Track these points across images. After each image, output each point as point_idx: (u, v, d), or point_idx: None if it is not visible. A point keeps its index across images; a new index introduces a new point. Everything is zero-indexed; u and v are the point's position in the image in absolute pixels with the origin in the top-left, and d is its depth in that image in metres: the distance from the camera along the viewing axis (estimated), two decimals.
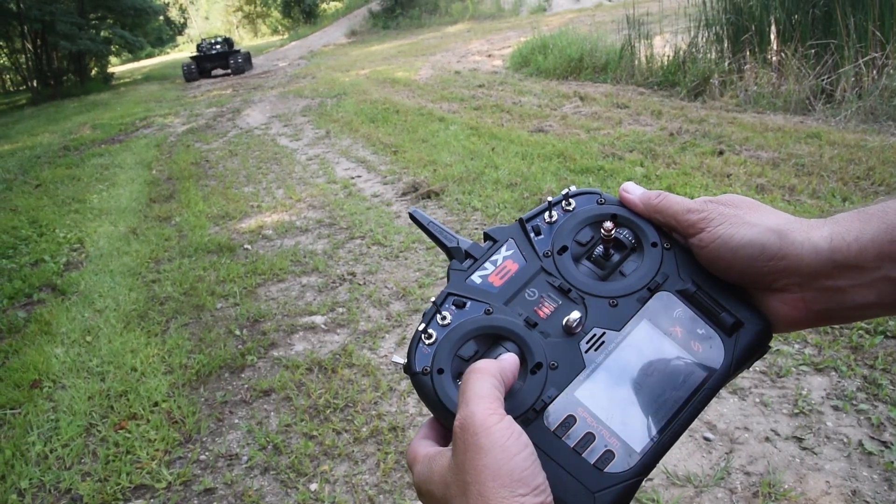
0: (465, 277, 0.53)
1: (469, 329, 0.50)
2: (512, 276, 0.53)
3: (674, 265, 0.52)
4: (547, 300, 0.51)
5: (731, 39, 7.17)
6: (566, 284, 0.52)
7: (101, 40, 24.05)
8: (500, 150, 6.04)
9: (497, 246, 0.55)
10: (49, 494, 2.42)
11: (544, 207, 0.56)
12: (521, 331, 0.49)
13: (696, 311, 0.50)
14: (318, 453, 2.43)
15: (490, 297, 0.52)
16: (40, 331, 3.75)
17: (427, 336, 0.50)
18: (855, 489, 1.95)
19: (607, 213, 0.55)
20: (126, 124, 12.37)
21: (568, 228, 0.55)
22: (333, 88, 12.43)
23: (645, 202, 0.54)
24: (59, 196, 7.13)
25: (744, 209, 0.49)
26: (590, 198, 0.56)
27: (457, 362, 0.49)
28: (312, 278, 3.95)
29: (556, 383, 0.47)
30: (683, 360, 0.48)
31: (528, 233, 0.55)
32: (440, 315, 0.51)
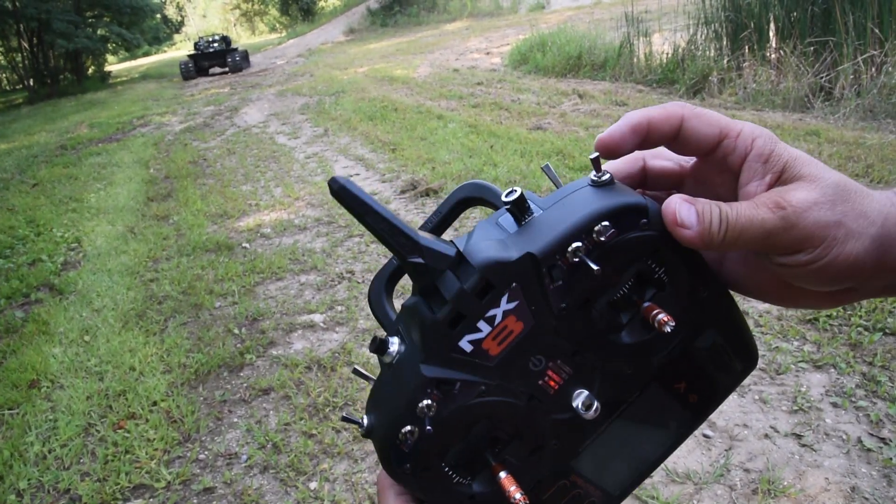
0: (452, 345, 0.38)
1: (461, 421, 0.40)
2: (514, 342, 0.39)
3: (702, 314, 0.43)
4: (555, 370, 0.40)
5: (730, 37, 7.17)
6: (582, 354, 0.41)
7: (97, 38, 24.01)
8: (498, 147, 6.04)
9: (494, 295, 0.38)
10: (48, 495, 2.41)
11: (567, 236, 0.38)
12: (522, 412, 0.40)
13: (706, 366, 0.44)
14: (317, 452, 2.43)
15: (485, 372, 0.39)
16: (38, 330, 3.74)
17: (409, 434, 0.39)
18: (854, 486, 1.95)
19: (650, 249, 0.40)
20: (123, 123, 12.34)
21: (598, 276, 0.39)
22: (331, 86, 12.41)
23: (706, 240, 0.38)
24: (57, 195, 7.11)
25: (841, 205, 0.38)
26: (631, 220, 0.39)
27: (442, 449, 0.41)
28: (311, 276, 3.95)
29: (554, 459, 0.43)
30: (678, 410, 0.45)
31: (542, 280, 0.38)
32: (422, 404, 0.38)
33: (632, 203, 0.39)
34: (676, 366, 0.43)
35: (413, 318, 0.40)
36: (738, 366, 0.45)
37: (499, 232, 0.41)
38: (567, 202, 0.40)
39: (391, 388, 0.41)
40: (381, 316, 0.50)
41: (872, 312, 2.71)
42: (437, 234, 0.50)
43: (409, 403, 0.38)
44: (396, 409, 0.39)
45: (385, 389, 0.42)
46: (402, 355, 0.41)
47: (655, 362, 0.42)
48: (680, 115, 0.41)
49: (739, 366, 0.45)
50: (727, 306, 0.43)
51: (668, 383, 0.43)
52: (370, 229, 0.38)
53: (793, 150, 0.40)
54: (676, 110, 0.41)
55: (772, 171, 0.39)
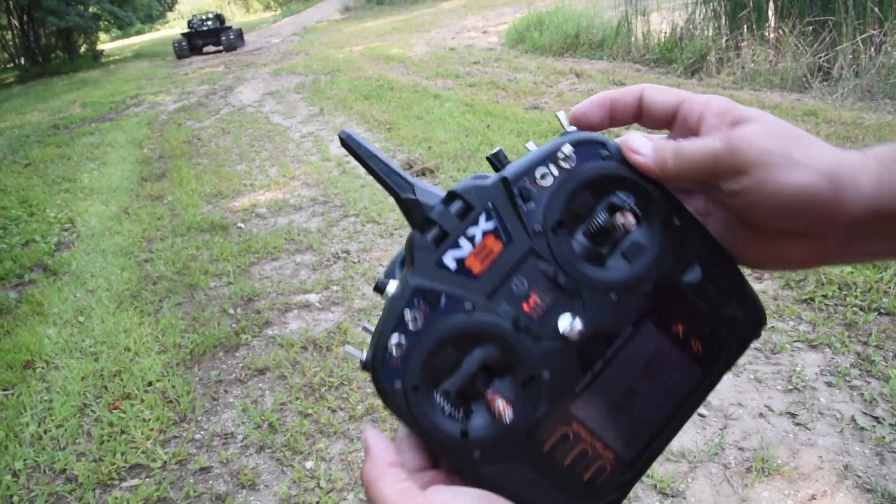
0: (436, 259, 0.41)
1: (447, 334, 0.41)
2: (495, 261, 0.41)
3: (683, 247, 0.44)
4: (538, 294, 0.42)
5: (729, 16, 7.10)
6: (563, 275, 0.42)
7: (89, 16, 23.69)
8: (495, 127, 6.00)
9: (474, 215, 0.42)
10: (44, 475, 2.42)
11: (536, 161, 0.43)
12: (509, 336, 0.41)
13: (700, 306, 0.44)
14: (313, 431, 2.43)
15: (470, 288, 0.41)
16: (32, 311, 3.72)
17: (396, 346, 0.41)
18: (847, 464, 1.96)
19: (615, 174, 0.43)
20: (116, 102, 12.23)
21: (564, 195, 0.43)
22: (327, 65, 12.30)
23: (661, 166, 0.42)
24: (50, 175, 7.06)
25: (787, 141, 0.40)
26: (591, 150, 0.44)
27: (432, 373, 0.41)
28: (306, 256, 3.93)
29: (550, 397, 0.41)
30: (682, 359, 0.44)
31: (514, 199, 0.42)
32: (409, 315, 0.40)
33: (591, 136, 0.44)
34: (666, 301, 0.43)
35: (406, 247, 0.43)
36: (738, 312, 0.44)
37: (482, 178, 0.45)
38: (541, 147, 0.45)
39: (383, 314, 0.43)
40: None
41: (868, 293, 2.71)
42: None
43: (397, 314, 0.40)
44: (386, 321, 0.41)
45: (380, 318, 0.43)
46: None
47: (642, 292, 0.43)
48: (640, 88, 0.46)
49: (740, 312, 0.44)
50: (710, 245, 0.45)
51: (664, 322, 0.43)
52: (371, 172, 0.43)
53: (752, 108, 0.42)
54: (637, 86, 0.46)
55: (727, 122, 0.41)
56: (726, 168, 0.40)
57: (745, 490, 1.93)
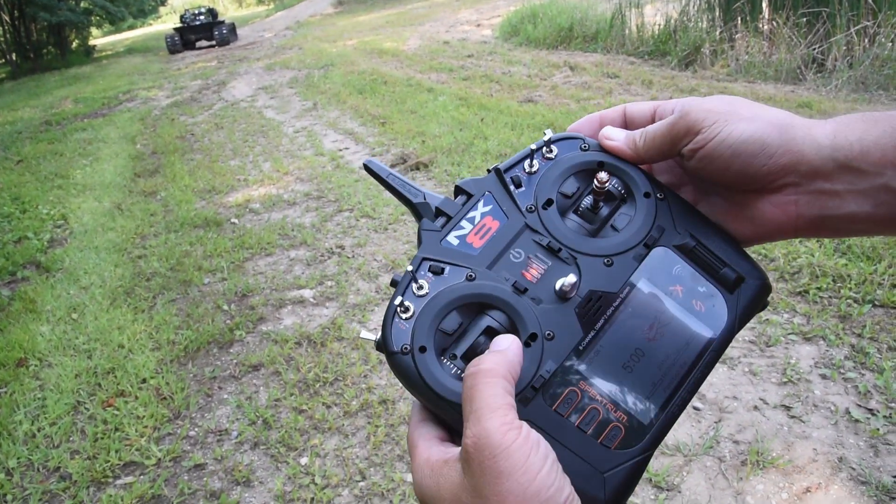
0: (440, 238, 0.47)
1: (451, 299, 0.44)
2: (493, 236, 0.47)
3: (669, 217, 0.48)
4: (535, 261, 0.46)
5: (723, 8, 7.09)
6: (556, 243, 0.47)
7: (81, 11, 23.50)
8: (489, 120, 5.98)
9: (473, 201, 0.48)
10: (38, 473, 2.40)
11: (524, 155, 0.50)
12: (510, 298, 0.44)
13: (696, 268, 0.46)
14: (308, 427, 2.43)
15: (471, 260, 0.46)
16: (25, 309, 3.70)
17: (403, 309, 0.44)
18: (842, 456, 1.96)
19: (593, 160, 0.49)
20: (109, 98, 12.16)
21: (551, 179, 0.49)
22: (320, 59, 12.24)
23: (631, 147, 0.49)
24: (42, 172, 7.01)
25: (736, 105, 0.45)
26: (572, 143, 0.51)
27: (439, 336, 0.44)
28: (301, 252, 3.92)
29: (554, 355, 0.43)
30: (686, 320, 0.45)
31: (507, 185, 0.49)
32: (416, 284, 0.45)
33: (571, 133, 0.52)
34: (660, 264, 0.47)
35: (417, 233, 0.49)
36: (736, 273, 0.46)
37: None
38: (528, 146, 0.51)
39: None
40: None
41: (862, 284, 2.71)
42: None
43: (405, 283, 0.45)
44: (396, 291, 0.45)
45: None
46: None
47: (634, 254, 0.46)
48: (623, 106, 0.53)
49: (737, 273, 0.46)
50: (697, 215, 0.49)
51: (661, 284, 0.46)
52: (389, 187, 0.52)
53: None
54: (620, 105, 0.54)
55: None
56: (682, 131, 0.46)
57: (740, 483, 1.93)
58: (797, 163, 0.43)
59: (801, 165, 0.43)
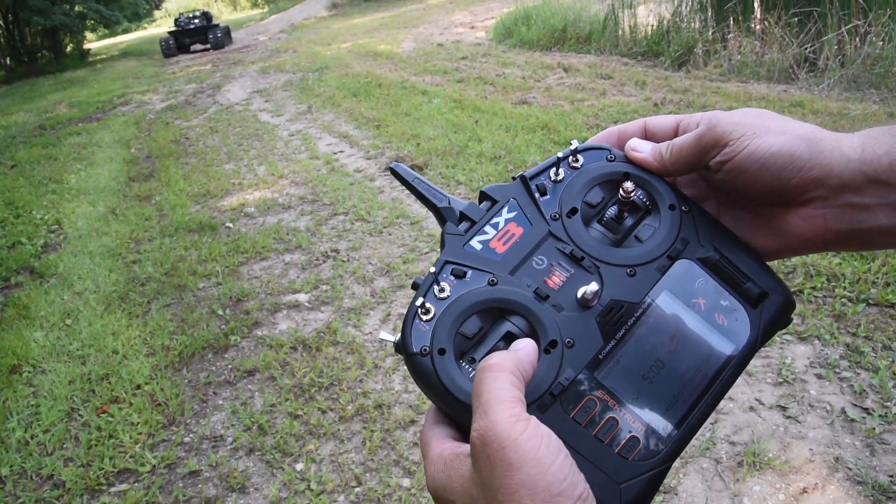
0: (464, 243, 0.47)
1: (472, 303, 0.44)
2: (517, 242, 0.47)
3: (693, 229, 0.47)
4: (558, 269, 0.46)
5: (715, 8, 7.10)
6: (578, 251, 0.47)
7: (75, 15, 23.43)
8: (483, 122, 5.98)
9: (498, 207, 0.49)
10: (31, 481, 2.39)
11: (550, 163, 0.50)
12: (531, 304, 0.44)
13: (719, 281, 0.46)
14: (303, 433, 2.42)
15: (493, 265, 0.46)
16: (18, 315, 3.68)
17: (424, 311, 0.44)
18: (838, 456, 1.96)
19: (619, 171, 0.49)
20: (103, 102, 12.12)
21: (577, 188, 0.49)
22: (315, 62, 12.23)
23: (658, 159, 0.49)
24: (36, 176, 6.99)
25: (764, 118, 0.45)
26: (598, 154, 0.51)
27: (459, 340, 0.44)
28: (296, 256, 3.91)
29: (573, 363, 0.43)
30: (708, 334, 0.44)
31: (532, 192, 0.49)
32: (438, 287, 0.45)
33: (598, 143, 0.52)
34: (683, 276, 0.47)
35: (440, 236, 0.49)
36: (760, 288, 0.46)
37: None
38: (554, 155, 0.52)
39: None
40: None
41: (856, 283, 2.72)
42: None
43: (427, 284, 0.45)
44: (418, 292, 0.45)
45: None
46: None
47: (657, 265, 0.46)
48: (643, 120, 0.53)
49: (761, 288, 0.46)
50: (722, 229, 0.48)
51: (684, 296, 0.45)
52: (414, 190, 0.52)
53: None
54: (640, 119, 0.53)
55: None
56: (710, 144, 0.45)
57: (736, 484, 1.93)
58: (826, 176, 0.42)
59: (829, 179, 0.42)
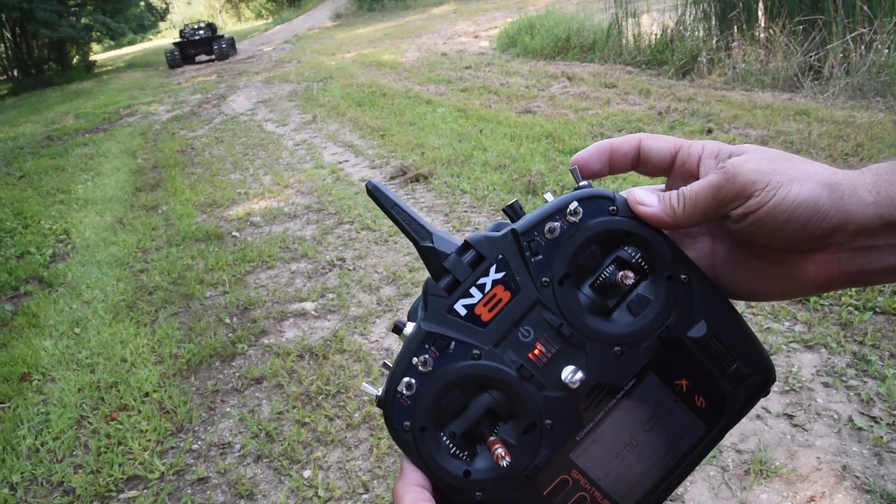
0: (447, 306, 0.44)
1: (455, 378, 0.43)
2: (503, 310, 0.44)
3: (689, 302, 0.45)
4: (543, 343, 0.44)
5: (719, 17, 7.13)
6: (567, 327, 0.44)
7: (81, 27, 23.63)
8: (488, 131, 6.01)
9: (485, 265, 0.44)
10: (41, 488, 2.40)
11: (545, 215, 0.45)
12: (514, 384, 0.43)
13: (705, 362, 0.45)
14: (310, 440, 2.43)
15: (478, 335, 0.43)
16: (28, 323, 3.71)
17: (406, 386, 0.43)
18: (845, 464, 1.96)
19: (621, 228, 0.45)
20: (110, 113, 12.21)
21: (572, 249, 0.44)
22: (319, 72, 12.30)
23: (670, 214, 0.44)
24: (44, 187, 7.04)
25: (782, 164, 0.42)
26: (600, 205, 0.45)
27: (440, 415, 0.43)
28: (302, 264, 3.93)
29: (551, 445, 0.43)
30: (685, 415, 0.44)
31: (524, 252, 0.44)
32: (419, 359, 0.43)
33: (601, 192, 0.45)
34: (671, 357, 0.44)
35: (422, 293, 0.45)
36: (745, 370, 0.45)
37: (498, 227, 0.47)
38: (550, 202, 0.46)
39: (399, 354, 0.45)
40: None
41: (862, 292, 2.72)
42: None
43: (408, 357, 0.43)
44: (398, 364, 0.43)
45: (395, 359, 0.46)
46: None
47: (646, 345, 0.44)
48: (637, 137, 0.47)
49: (746, 370, 0.45)
50: (718, 301, 0.45)
51: (667, 377, 0.44)
52: (394, 220, 0.46)
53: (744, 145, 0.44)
54: (634, 135, 0.47)
55: (722, 160, 0.43)
56: (730, 196, 0.42)
57: (743, 493, 1.93)
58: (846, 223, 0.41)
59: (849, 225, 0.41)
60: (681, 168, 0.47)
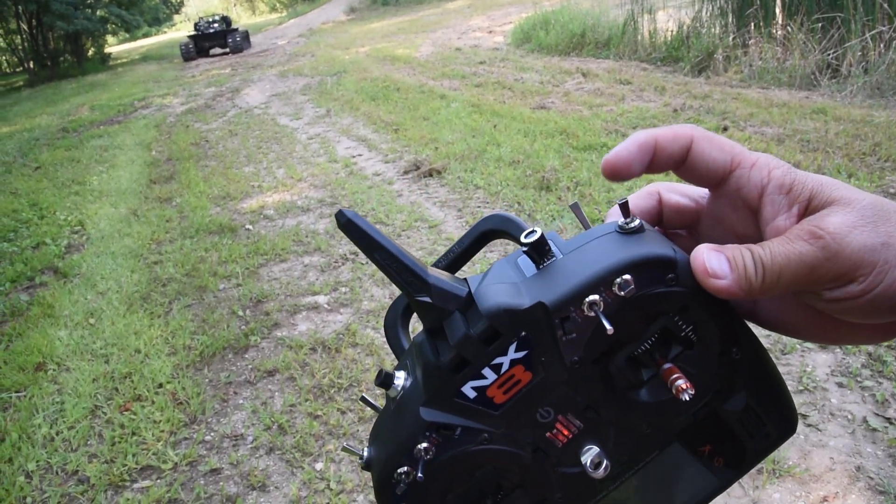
0: (455, 389, 0.37)
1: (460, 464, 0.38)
2: (521, 392, 0.37)
3: (733, 375, 0.39)
4: (564, 424, 0.38)
5: (736, 13, 7.08)
6: (594, 411, 0.38)
7: (97, 20, 23.79)
8: (502, 127, 6.00)
9: (502, 344, 0.36)
10: (56, 476, 2.43)
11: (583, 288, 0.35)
12: (528, 462, 0.38)
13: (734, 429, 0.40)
14: (322, 433, 2.44)
15: (489, 420, 0.37)
16: (43, 314, 3.75)
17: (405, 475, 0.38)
18: (859, 465, 1.95)
19: (677, 305, 0.36)
20: (125, 105, 12.29)
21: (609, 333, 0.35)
22: (333, 66, 12.32)
23: (745, 289, 0.35)
24: (59, 178, 7.10)
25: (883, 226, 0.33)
26: (658, 274, 0.36)
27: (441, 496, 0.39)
28: (315, 258, 3.94)
29: None
30: (701, 475, 0.41)
31: (555, 331, 0.36)
32: (421, 447, 0.37)
33: (659, 255, 0.36)
34: (702, 428, 0.40)
35: (419, 357, 0.39)
36: (773, 432, 0.40)
37: (515, 274, 0.39)
38: (590, 248, 0.38)
39: (392, 424, 0.40)
40: (394, 344, 0.50)
41: None
42: (456, 267, 0.48)
43: (406, 444, 0.37)
44: (393, 449, 0.38)
45: (386, 424, 0.40)
46: (406, 391, 0.40)
47: (677, 424, 0.39)
48: (690, 136, 0.38)
49: (774, 432, 0.40)
50: (763, 368, 0.40)
51: (692, 445, 0.40)
52: (378, 265, 0.37)
53: (816, 175, 0.36)
54: (686, 131, 0.38)
55: (798, 202, 0.35)
56: (828, 277, 0.34)
57: (756, 492, 1.92)
58: None
59: None
60: (734, 192, 0.38)
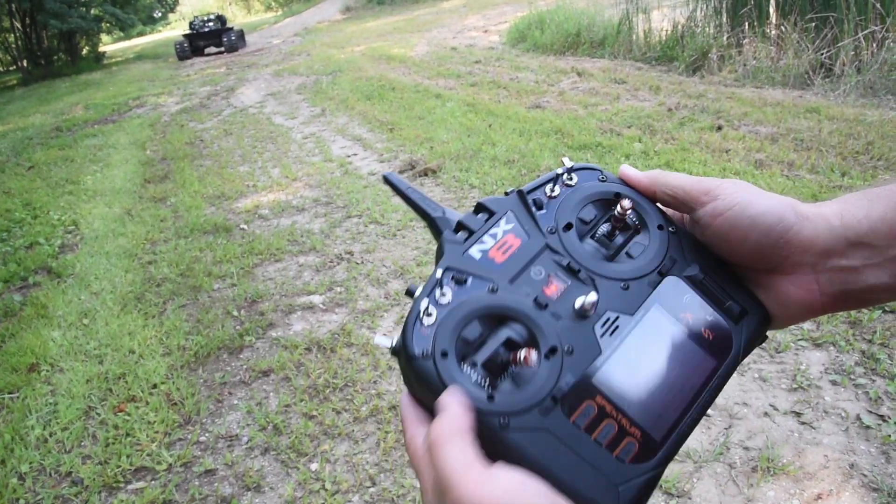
0: (463, 251, 0.48)
1: (474, 309, 0.45)
2: (515, 253, 0.48)
3: (679, 249, 0.50)
4: (555, 280, 0.47)
5: (730, 13, 7.09)
6: (576, 264, 0.48)
7: (91, 18, 23.70)
8: (497, 126, 6.00)
9: (496, 218, 0.50)
10: (49, 478, 2.42)
11: (546, 179, 0.53)
12: (531, 312, 0.45)
13: (704, 298, 0.49)
14: (318, 433, 2.44)
15: (493, 273, 0.47)
16: (37, 314, 3.73)
17: (426, 314, 0.44)
18: (853, 462, 1.96)
19: (611, 190, 0.53)
20: (119, 104, 12.24)
21: (572, 204, 0.52)
22: (328, 66, 12.30)
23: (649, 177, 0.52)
24: (53, 178, 7.07)
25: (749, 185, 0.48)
26: (591, 174, 0.54)
27: (460, 344, 0.44)
28: (310, 258, 3.94)
29: (573, 369, 0.43)
30: (696, 346, 0.46)
31: (529, 206, 0.51)
32: (439, 291, 0.45)
33: (590, 165, 0.55)
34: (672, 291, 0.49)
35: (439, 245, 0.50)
36: (740, 307, 0.49)
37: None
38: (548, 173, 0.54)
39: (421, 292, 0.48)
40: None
41: None
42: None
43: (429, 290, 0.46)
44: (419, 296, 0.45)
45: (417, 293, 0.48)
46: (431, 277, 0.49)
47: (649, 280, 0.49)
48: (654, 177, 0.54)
49: (740, 307, 0.49)
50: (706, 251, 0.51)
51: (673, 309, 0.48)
52: (407, 199, 0.55)
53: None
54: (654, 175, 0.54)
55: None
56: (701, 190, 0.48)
57: (750, 490, 1.93)
58: (811, 242, 0.45)
59: (815, 245, 0.45)
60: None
